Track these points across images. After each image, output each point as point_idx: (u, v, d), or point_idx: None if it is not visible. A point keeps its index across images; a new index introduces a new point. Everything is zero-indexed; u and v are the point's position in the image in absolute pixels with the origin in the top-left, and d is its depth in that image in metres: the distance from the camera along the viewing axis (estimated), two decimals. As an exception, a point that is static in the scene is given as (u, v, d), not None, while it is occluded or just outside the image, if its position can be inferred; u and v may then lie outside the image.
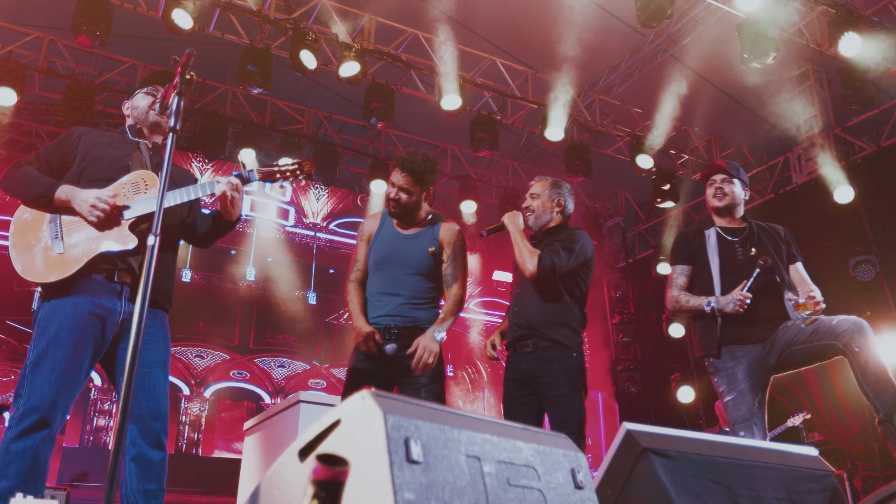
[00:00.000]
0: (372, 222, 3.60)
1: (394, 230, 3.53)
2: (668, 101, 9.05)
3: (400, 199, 3.44)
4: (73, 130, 2.73)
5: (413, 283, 3.41)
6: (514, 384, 3.57)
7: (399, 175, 3.44)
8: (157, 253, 2.60)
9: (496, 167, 10.81)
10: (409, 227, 3.53)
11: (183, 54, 2.11)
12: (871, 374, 2.82)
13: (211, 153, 8.63)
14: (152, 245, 1.87)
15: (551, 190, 3.82)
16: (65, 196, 2.52)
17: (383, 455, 1.37)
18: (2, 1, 7.74)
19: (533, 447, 1.69)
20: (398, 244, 3.48)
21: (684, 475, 1.96)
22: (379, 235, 3.53)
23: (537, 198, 3.81)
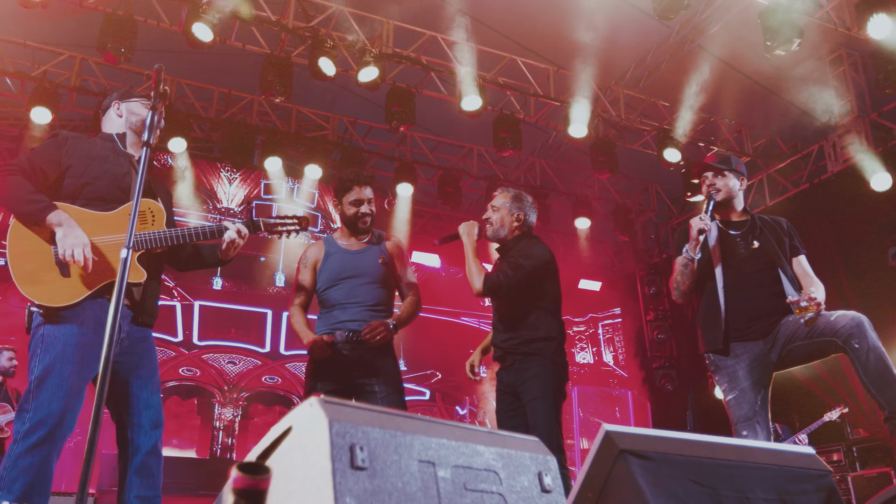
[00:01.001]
0: (315, 250, 3.78)
1: (341, 249, 3.73)
2: (695, 92, 8.91)
3: (372, 213, 3.75)
4: (62, 136, 2.75)
5: (370, 291, 3.62)
6: (501, 395, 3.67)
7: (369, 191, 3.75)
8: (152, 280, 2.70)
9: (522, 166, 10.75)
10: (357, 244, 3.76)
11: (153, 70, 2.13)
12: (872, 371, 2.72)
13: (238, 162, 8.78)
14: (124, 258, 1.90)
15: (512, 203, 3.84)
16: (56, 221, 2.52)
17: (326, 461, 1.38)
18: (36, 24, 7.98)
19: (496, 451, 1.67)
20: (349, 260, 3.69)
21: (664, 477, 1.91)
22: (328, 258, 3.70)
23: (497, 210, 3.85)
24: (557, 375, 3.51)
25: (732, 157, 3.52)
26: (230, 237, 2.80)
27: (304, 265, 3.72)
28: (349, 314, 3.55)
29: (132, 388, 2.59)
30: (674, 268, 3.44)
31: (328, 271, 3.65)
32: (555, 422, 3.38)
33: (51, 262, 2.54)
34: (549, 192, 10.66)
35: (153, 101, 2.16)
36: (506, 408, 3.60)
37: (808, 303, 2.88)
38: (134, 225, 1.97)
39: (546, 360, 3.51)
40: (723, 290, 3.20)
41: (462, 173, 10.12)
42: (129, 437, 2.52)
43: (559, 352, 3.58)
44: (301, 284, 3.69)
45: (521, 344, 3.54)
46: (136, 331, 2.68)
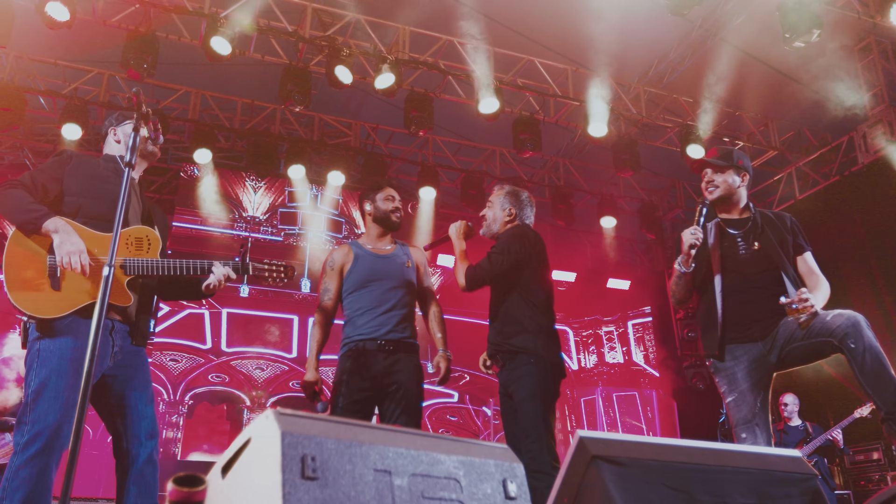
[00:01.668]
0: (342, 253, 3.78)
1: (369, 253, 3.75)
2: (720, 86, 8.79)
3: (400, 212, 3.85)
4: (66, 155, 2.85)
5: (398, 296, 3.65)
6: (501, 396, 3.65)
7: (396, 192, 3.88)
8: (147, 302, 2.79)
9: (546, 166, 10.72)
10: (384, 247, 3.80)
11: (133, 96, 2.21)
12: (868, 371, 2.65)
13: (262, 171, 8.93)
14: (107, 276, 1.98)
15: (504, 199, 3.85)
16: (52, 228, 2.60)
17: (277, 472, 1.42)
18: (66, 42, 8.22)
19: (458, 459, 1.70)
20: (379, 263, 3.71)
21: (638, 482, 1.92)
22: (357, 261, 3.71)
23: (491, 207, 3.87)
24: (546, 373, 3.43)
25: (735, 151, 3.44)
26: (216, 279, 2.88)
27: (331, 267, 3.72)
28: (379, 320, 3.55)
29: (127, 399, 2.67)
30: (673, 271, 3.41)
31: (358, 273, 3.65)
32: (543, 422, 3.31)
33: (44, 272, 2.62)
34: (574, 191, 10.61)
35: (135, 122, 2.24)
36: (505, 409, 3.57)
37: (800, 304, 2.83)
38: (116, 243, 2.04)
39: (533, 357, 3.43)
40: (720, 294, 3.15)
41: (485, 175, 10.13)
42: (126, 448, 2.61)
43: (548, 347, 3.50)
44: (327, 288, 3.68)
45: (508, 340, 3.50)
46: (129, 349, 2.77)
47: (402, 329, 3.59)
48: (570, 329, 11.49)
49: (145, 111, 2.28)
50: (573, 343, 11.42)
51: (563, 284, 11.48)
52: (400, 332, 3.57)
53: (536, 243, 3.71)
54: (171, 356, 8.48)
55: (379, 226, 3.81)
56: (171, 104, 8.95)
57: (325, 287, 3.70)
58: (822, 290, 3.08)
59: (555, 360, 3.54)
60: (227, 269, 2.88)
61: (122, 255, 2.74)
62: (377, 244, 3.80)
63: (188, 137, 9.14)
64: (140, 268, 2.72)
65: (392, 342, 3.52)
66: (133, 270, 2.71)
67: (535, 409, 3.34)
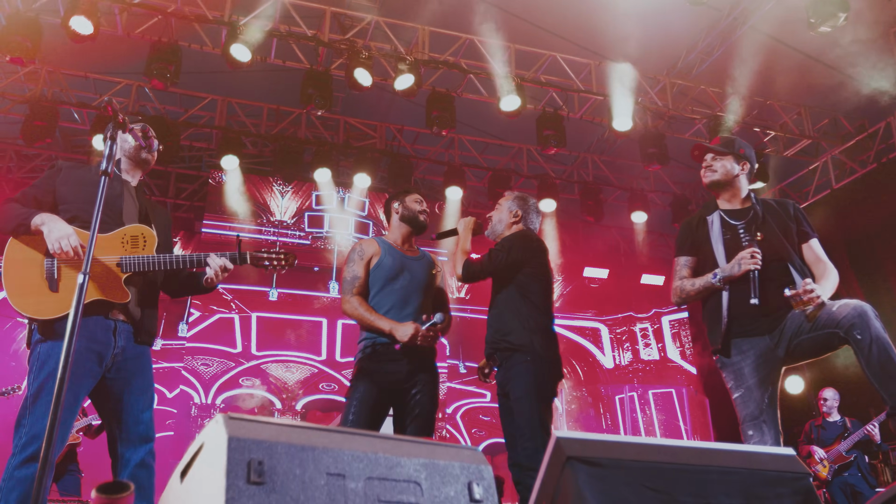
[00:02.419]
0: (371, 246, 3.74)
1: (399, 252, 3.73)
2: (751, 75, 8.58)
3: (427, 213, 3.86)
4: (58, 165, 2.91)
5: (422, 298, 3.63)
6: (498, 397, 3.60)
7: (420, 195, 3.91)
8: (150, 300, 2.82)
9: (575, 162, 10.60)
10: (411, 250, 3.81)
11: (106, 106, 2.24)
12: (875, 363, 2.53)
13: (289, 175, 9.01)
14: (81, 283, 2.00)
15: (511, 202, 3.89)
16: (40, 221, 2.66)
17: (222, 477, 1.41)
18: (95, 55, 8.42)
19: (421, 462, 1.67)
20: (407, 262, 3.69)
21: (616, 483, 1.86)
22: (385, 256, 3.67)
23: (498, 209, 3.90)
24: (542, 371, 3.39)
25: (737, 140, 3.34)
26: (213, 271, 2.90)
27: (360, 257, 3.65)
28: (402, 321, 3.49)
29: (124, 403, 2.71)
30: (674, 267, 3.33)
31: (385, 269, 3.60)
32: (539, 420, 3.26)
33: (42, 276, 2.68)
34: (603, 187, 10.47)
35: (111, 131, 2.26)
36: (503, 409, 3.52)
37: (805, 295, 2.72)
38: (91, 250, 2.06)
39: (529, 355, 3.39)
40: (727, 288, 3.05)
41: (512, 173, 10.07)
42: (119, 452, 2.65)
43: (545, 346, 3.46)
44: (356, 275, 3.59)
45: (505, 337, 3.47)
46: (133, 348, 2.80)
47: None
48: (603, 326, 11.33)
49: (121, 120, 2.30)
50: (607, 340, 11.27)
51: (596, 281, 11.35)
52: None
53: (538, 247, 3.72)
54: (203, 360, 8.61)
55: (407, 225, 3.81)
56: (198, 112, 9.10)
57: (355, 274, 3.61)
58: (829, 278, 2.96)
59: (552, 358, 3.50)
60: (223, 259, 2.91)
61: (119, 254, 2.78)
62: (403, 246, 3.79)
63: (216, 144, 9.27)
64: (136, 264, 2.76)
65: (413, 346, 3.46)
66: (129, 268, 2.76)
67: (531, 408, 3.29)
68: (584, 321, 11.29)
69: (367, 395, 3.34)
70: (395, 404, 3.47)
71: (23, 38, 6.76)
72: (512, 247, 3.59)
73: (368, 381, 3.39)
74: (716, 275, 3.07)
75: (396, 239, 3.80)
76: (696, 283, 3.16)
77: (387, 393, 3.42)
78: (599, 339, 11.28)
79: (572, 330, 11.15)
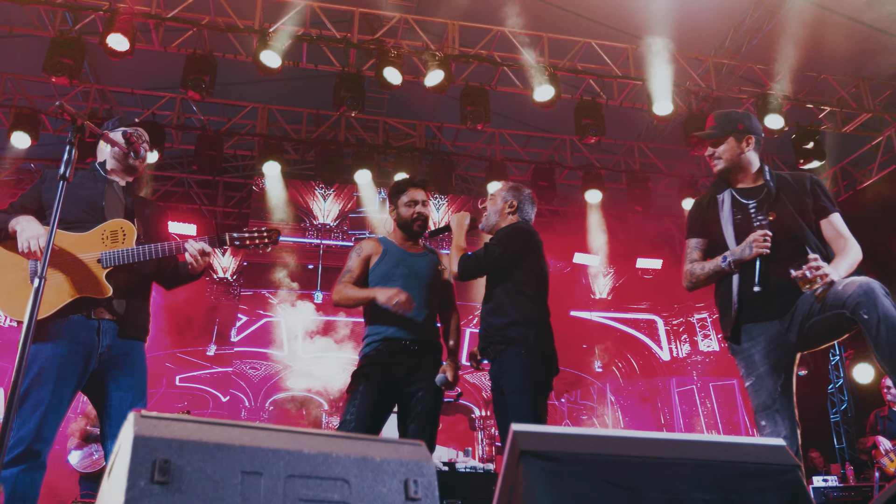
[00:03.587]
0: (372, 244, 3.70)
1: (400, 249, 3.66)
2: (802, 49, 8.18)
3: (427, 216, 3.73)
4: (44, 174, 2.97)
5: (424, 295, 3.54)
6: (493, 392, 3.49)
7: (423, 193, 3.75)
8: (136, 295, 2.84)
9: (621, 151, 10.33)
10: (414, 247, 3.73)
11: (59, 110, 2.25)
12: (884, 344, 2.30)
13: (329, 179, 9.07)
14: (37, 287, 2.02)
15: (506, 192, 3.73)
16: (15, 223, 2.71)
17: (124, 476, 1.38)
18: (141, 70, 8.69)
19: (352, 458, 1.61)
20: (408, 259, 3.63)
21: (574, 479, 1.75)
22: (385, 254, 3.61)
23: (493, 200, 3.74)
24: (538, 365, 3.28)
25: (733, 114, 3.12)
26: (191, 255, 2.90)
27: (358, 254, 3.62)
28: (402, 320, 3.44)
29: (111, 400, 2.74)
30: (685, 250, 3.15)
31: (384, 266, 3.56)
32: (533, 415, 3.15)
33: (26, 279, 2.74)
34: (651, 175, 10.17)
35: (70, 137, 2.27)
36: (497, 405, 3.40)
37: (811, 273, 2.51)
38: (48, 256, 2.08)
39: (524, 349, 3.29)
40: (737, 272, 2.86)
41: (556, 165, 9.88)
42: (108, 448, 2.70)
43: (541, 339, 3.34)
44: (349, 269, 3.56)
45: (499, 331, 3.36)
46: (120, 345, 2.82)
47: (428, 328, 3.51)
48: (659, 318, 11.01)
49: (81, 125, 2.32)
50: (663, 332, 10.94)
51: (650, 272, 11.04)
52: (425, 333, 3.49)
53: (534, 240, 3.57)
54: (251, 364, 8.77)
55: (402, 232, 3.74)
56: (240, 121, 9.27)
57: (348, 268, 3.58)
58: (847, 255, 2.73)
59: (547, 352, 3.36)
60: (200, 243, 2.90)
61: (99, 250, 2.81)
62: (406, 243, 3.73)
63: (258, 151, 9.43)
64: (115, 258, 2.78)
65: (417, 342, 3.43)
66: (109, 262, 2.78)
67: (525, 402, 3.17)
68: (639, 314, 11.00)
69: (367, 394, 3.29)
70: (398, 402, 3.41)
71: (66, 59, 7.01)
72: (509, 241, 3.47)
73: (369, 378, 3.34)
74: (725, 258, 2.89)
75: (397, 240, 3.74)
76: (706, 266, 2.99)
77: (389, 390, 3.36)
78: (655, 331, 10.97)
79: (625, 323, 10.88)
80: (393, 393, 3.37)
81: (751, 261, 2.80)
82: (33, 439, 2.50)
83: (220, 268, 10.13)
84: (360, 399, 3.27)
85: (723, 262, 2.89)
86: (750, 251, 2.79)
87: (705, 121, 7.61)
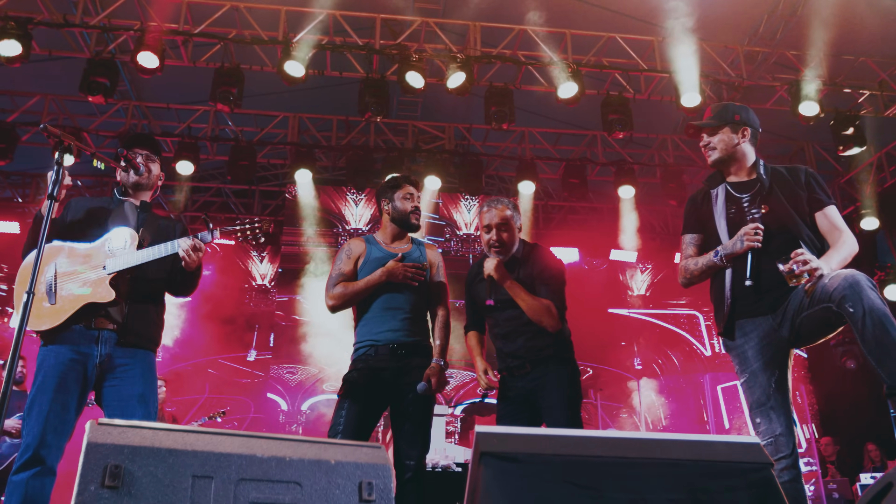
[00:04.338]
0: (359, 244, 3.67)
1: (384, 251, 3.64)
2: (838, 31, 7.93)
3: (420, 212, 3.73)
4: (70, 202, 3.13)
5: (409, 298, 3.54)
6: (510, 403, 3.50)
7: (416, 190, 3.74)
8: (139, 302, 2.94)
9: (653, 145, 10.18)
10: (399, 247, 3.69)
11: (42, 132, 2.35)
12: (869, 338, 2.23)
13: (360, 184, 9.18)
14: (25, 302, 2.12)
15: (516, 215, 3.64)
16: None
17: (77, 482, 1.45)
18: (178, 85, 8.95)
19: (307, 462, 1.65)
20: (390, 259, 3.58)
21: (534, 479, 1.76)
22: (370, 256, 3.60)
23: (509, 229, 3.58)
24: (576, 377, 3.45)
25: (730, 105, 3.06)
26: (183, 252, 2.94)
27: (348, 255, 3.61)
28: (390, 323, 3.48)
29: (112, 410, 2.84)
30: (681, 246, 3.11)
31: (368, 268, 3.55)
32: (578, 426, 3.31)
33: (43, 289, 2.88)
34: (686, 168, 10.00)
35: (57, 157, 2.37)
36: (513, 414, 3.43)
37: (798, 268, 2.45)
38: (37, 269, 2.18)
39: (567, 363, 3.45)
40: (730, 266, 2.81)
41: (587, 162, 9.79)
42: None
43: (572, 351, 3.52)
44: (342, 271, 3.55)
45: (542, 349, 3.42)
46: (121, 354, 2.91)
47: (415, 332, 3.51)
48: (699, 314, 10.81)
49: (66, 145, 2.41)
50: (704, 328, 10.74)
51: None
52: (413, 336, 3.49)
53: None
54: (287, 369, 8.93)
55: (396, 226, 3.72)
56: (272, 130, 9.46)
57: (341, 270, 3.57)
58: (841, 247, 2.66)
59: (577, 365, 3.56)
60: (190, 239, 2.94)
61: (103, 258, 2.94)
62: (392, 244, 3.70)
63: (290, 160, 9.60)
64: (116, 264, 2.90)
65: (405, 345, 3.44)
66: (111, 268, 2.90)
67: (571, 413, 3.31)
68: (679, 309, 10.81)
69: (356, 399, 3.32)
70: (390, 404, 3.43)
71: (101, 79, 7.26)
72: (560, 271, 3.58)
73: (358, 383, 3.37)
74: (717, 252, 2.85)
75: (386, 236, 3.72)
76: (699, 261, 2.94)
77: (378, 394, 3.38)
78: (697, 326, 10.77)
79: (665, 319, 10.72)
80: (383, 396, 3.40)
81: (743, 255, 2.75)
82: (38, 445, 2.61)
83: (259, 274, 10.34)
84: (349, 404, 3.30)
85: (715, 257, 2.85)
86: (741, 245, 2.74)
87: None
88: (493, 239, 3.52)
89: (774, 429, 2.58)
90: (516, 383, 3.47)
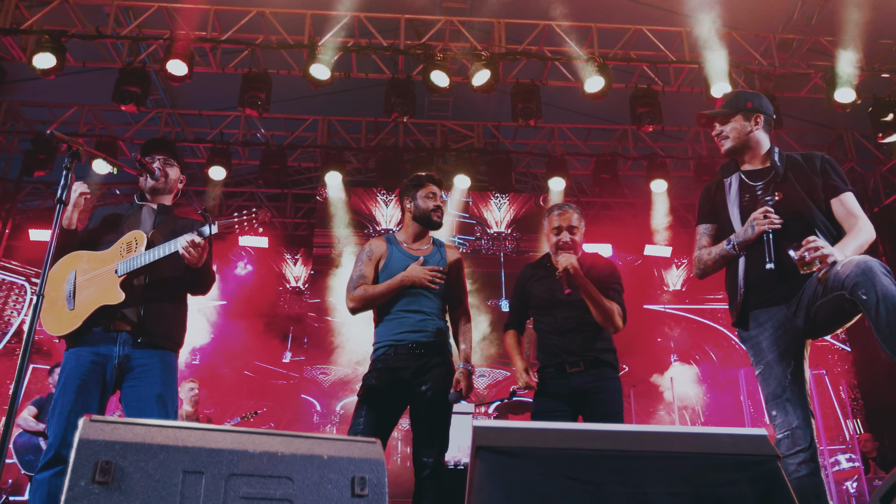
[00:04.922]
0: (380, 245, 3.67)
1: (405, 253, 3.63)
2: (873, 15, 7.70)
3: (442, 210, 3.73)
4: (93, 212, 3.20)
5: (429, 300, 3.54)
6: (548, 398, 3.53)
7: (438, 189, 3.75)
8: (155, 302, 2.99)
9: (686, 137, 10.01)
10: (420, 247, 3.67)
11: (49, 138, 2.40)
12: (884, 326, 2.13)
13: (390, 185, 9.21)
14: (35, 304, 2.17)
15: (582, 222, 3.77)
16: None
17: (67, 478, 1.48)
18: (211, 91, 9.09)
19: (299, 457, 1.65)
20: (411, 262, 3.57)
21: (530, 473, 1.73)
22: (391, 257, 3.60)
23: (577, 231, 3.70)
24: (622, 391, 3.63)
25: (742, 92, 2.97)
26: (183, 249, 2.94)
27: (369, 257, 3.61)
28: (408, 324, 3.48)
29: (131, 410, 2.89)
30: (695, 237, 3.04)
31: (388, 272, 3.56)
32: None
33: (64, 295, 2.97)
34: (720, 160, 9.78)
35: (66, 162, 2.42)
36: (552, 410, 3.46)
37: (809, 255, 2.37)
38: (45, 273, 2.23)
39: (616, 372, 3.61)
40: (744, 254, 2.74)
41: (618, 157, 9.67)
42: None
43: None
44: (363, 273, 3.55)
45: (600, 352, 3.55)
46: (139, 355, 2.94)
47: (434, 332, 3.50)
48: (738, 308, 10.59)
49: (75, 150, 2.46)
50: (743, 323, 10.52)
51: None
52: (432, 336, 3.48)
53: None
54: (321, 370, 9.00)
55: (418, 224, 3.70)
56: (302, 133, 9.55)
57: (361, 273, 3.57)
58: (858, 234, 2.56)
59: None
60: (189, 235, 2.94)
61: (116, 261, 2.99)
62: (413, 244, 3.69)
63: (320, 162, 9.68)
64: (126, 265, 2.95)
65: (424, 345, 3.43)
66: (122, 270, 2.95)
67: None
68: (716, 304, 10.60)
69: (375, 399, 3.32)
70: (409, 403, 3.42)
71: (133, 88, 7.43)
72: (619, 276, 3.73)
73: (377, 384, 3.37)
74: (730, 241, 2.78)
75: (408, 236, 3.71)
76: (712, 251, 2.88)
77: (397, 394, 3.37)
78: (735, 321, 10.55)
79: (702, 314, 10.53)
80: (402, 396, 3.39)
81: (757, 242, 2.68)
82: (60, 444, 2.67)
83: (293, 277, 10.45)
84: (368, 405, 3.31)
85: (727, 246, 2.78)
86: (752, 231, 2.68)
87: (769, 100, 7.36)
88: (564, 241, 3.62)
89: (791, 421, 2.50)
90: (565, 380, 3.48)
